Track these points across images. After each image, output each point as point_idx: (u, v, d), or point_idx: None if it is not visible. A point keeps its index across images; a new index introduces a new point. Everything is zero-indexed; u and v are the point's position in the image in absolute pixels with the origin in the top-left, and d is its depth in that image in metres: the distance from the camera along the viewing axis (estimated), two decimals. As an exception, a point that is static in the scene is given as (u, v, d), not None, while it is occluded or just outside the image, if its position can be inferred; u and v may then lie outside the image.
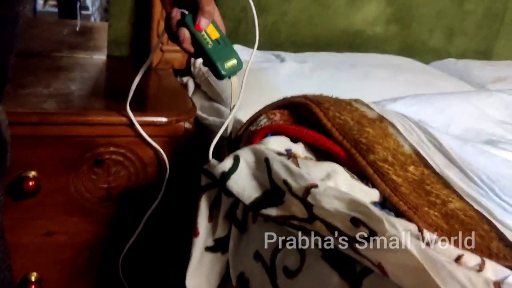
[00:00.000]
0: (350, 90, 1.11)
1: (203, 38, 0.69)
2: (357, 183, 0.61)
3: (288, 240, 0.58)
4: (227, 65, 0.70)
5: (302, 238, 0.57)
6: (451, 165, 0.65)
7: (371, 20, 1.50)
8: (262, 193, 0.60)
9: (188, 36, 0.68)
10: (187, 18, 0.69)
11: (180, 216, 0.93)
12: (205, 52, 0.69)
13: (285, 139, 0.68)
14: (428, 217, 0.58)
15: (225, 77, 0.71)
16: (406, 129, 0.69)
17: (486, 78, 1.45)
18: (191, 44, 0.69)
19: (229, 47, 0.71)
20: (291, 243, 0.58)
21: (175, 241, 1.00)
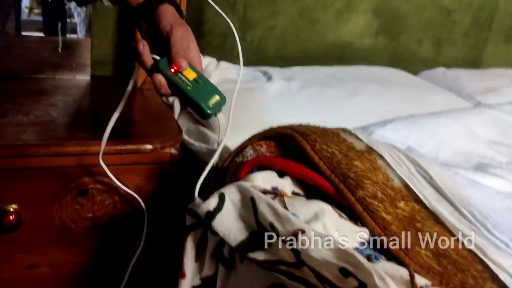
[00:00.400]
0: (339, 108, 1.10)
1: (180, 81, 0.67)
2: (346, 222, 0.59)
3: (277, 286, 0.56)
4: (211, 103, 0.69)
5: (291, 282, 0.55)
6: (442, 199, 0.63)
7: (359, 32, 1.48)
8: (249, 235, 0.58)
9: (164, 82, 0.67)
10: (160, 63, 0.67)
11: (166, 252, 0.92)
12: (186, 94, 0.68)
13: (272, 175, 0.66)
14: (419, 258, 0.56)
15: (211, 115, 0.69)
16: (396, 161, 0.67)
17: (475, 88, 1.44)
18: (168, 89, 0.68)
19: (208, 84, 0.70)
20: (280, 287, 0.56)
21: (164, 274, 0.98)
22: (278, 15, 1.36)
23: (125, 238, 0.94)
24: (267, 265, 0.56)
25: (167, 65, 0.67)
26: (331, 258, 0.49)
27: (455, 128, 0.91)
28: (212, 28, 1.29)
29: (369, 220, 0.60)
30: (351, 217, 0.61)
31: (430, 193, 0.64)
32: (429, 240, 0.58)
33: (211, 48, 1.31)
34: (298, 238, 0.52)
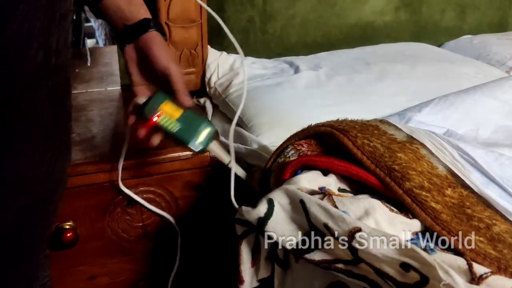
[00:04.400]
0: (369, 93, 1.10)
1: (165, 125, 0.69)
2: (397, 215, 0.61)
3: (336, 284, 0.58)
4: (199, 139, 0.71)
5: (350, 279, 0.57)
6: (490, 182, 0.64)
7: (380, 10, 1.47)
8: (303, 236, 0.60)
9: (144, 133, 0.69)
10: (146, 110, 0.69)
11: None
12: (173, 136, 0.69)
13: (316, 175, 0.68)
14: (475, 245, 0.57)
15: (203, 151, 0.71)
16: (438, 148, 0.67)
17: (505, 54, 1.41)
18: (153, 137, 0.70)
19: (195, 119, 0.71)
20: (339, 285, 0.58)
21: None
22: (297, 3, 1.35)
23: (173, 242, 0.97)
24: (324, 265, 0.58)
25: (162, 98, 0.68)
26: (392, 254, 0.51)
27: (492, 104, 0.90)
28: (233, 26, 1.30)
29: (419, 211, 0.61)
30: (401, 210, 0.62)
31: (476, 178, 0.64)
32: (482, 225, 0.59)
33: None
34: (355, 236, 0.54)
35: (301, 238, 0.61)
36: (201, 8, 1.17)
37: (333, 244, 0.58)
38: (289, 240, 0.61)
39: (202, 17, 1.17)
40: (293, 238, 0.61)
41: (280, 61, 1.30)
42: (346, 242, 0.54)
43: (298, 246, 0.60)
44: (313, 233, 0.60)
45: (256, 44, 1.35)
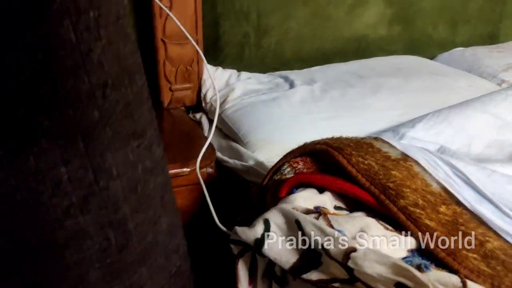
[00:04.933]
0: (363, 107, 1.11)
1: None
2: (392, 233, 0.61)
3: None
4: None
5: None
6: (483, 200, 0.65)
7: (373, 23, 1.49)
8: (300, 256, 0.61)
9: None
10: None
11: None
12: None
13: (312, 193, 0.69)
14: (468, 261, 0.58)
15: None
16: (431, 165, 0.69)
17: (497, 67, 1.44)
18: None
19: None
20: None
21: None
22: (291, 18, 1.37)
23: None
24: (321, 285, 0.58)
25: None
26: (386, 274, 0.52)
27: (484, 119, 0.91)
28: (228, 41, 1.31)
29: (413, 228, 0.62)
30: (396, 227, 0.63)
31: (469, 195, 0.65)
32: (476, 242, 0.60)
33: (229, 59, 1.34)
34: (351, 257, 0.55)
35: (297, 258, 0.61)
36: (196, 24, 1.18)
37: (329, 264, 0.58)
38: (285, 260, 0.61)
39: (198, 33, 1.19)
40: (289, 258, 0.62)
41: (275, 76, 1.31)
42: (342, 263, 0.55)
43: (295, 266, 0.61)
44: (309, 253, 0.60)
45: (251, 59, 1.36)
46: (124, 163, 0.53)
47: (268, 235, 0.63)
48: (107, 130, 0.50)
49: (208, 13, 1.25)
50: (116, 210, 0.54)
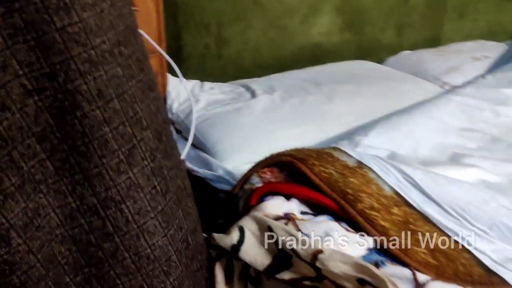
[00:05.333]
0: (320, 114, 1.20)
1: None
2: (352, 235, 0.70)
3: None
4: None
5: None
6: (428, 201, 0.75)
7: (326, 31, 1.58)
8: (273, 259, 0.68)
9: None
10: None
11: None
12: None
13: (280, 200, 0.76)
14: (417, 256, 0.67)
15: None
16: (384, 171, 0.78)
17: (439, 70, 1.56)
18: None
19: None
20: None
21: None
22: (250, 29, 1.44)
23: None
24: (293, 283, 0.66)
25: None
26: (349, 271, 0.60)
27: (429, 124, 1.02)
28: (190, 52, 1.37)
29: (370, 229, 0.70)
30: (355, 229, 0.72)
31: (417, 197, 0.75)
32: (423, 239, 0.69)
33: (191, 70, 1.39)
34: (318, 258, 0.63)
35: (271, 260, 0.69)
36: (160, 38, 1.23)
37: (299, 265, 0.66)
38: (260, 263, 0.69)
39: (162, 46, 1.23)
40: (264, 260, 0.69)
41: (236, 85, 1.38)
42: (311, 263, 0.63)
43: (269, 268, 0.68)
44: (281, 255, 0.68)
45: (212, 69, 1.42)
46: (149, 114, 0.58)
47: (243, 241, 0.70)
48: (131, 85, 0.55)
49: (170, 26, 1.30)
50: (153, 159, 0.58)
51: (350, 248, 0.68)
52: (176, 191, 0.64)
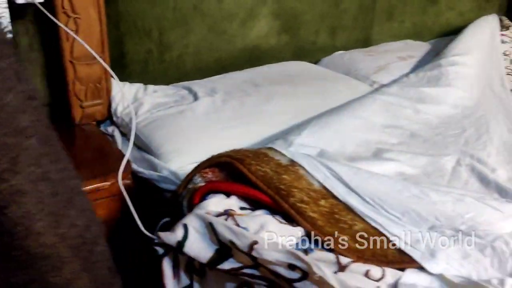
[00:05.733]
0: (259, 114, 1.28)
1: None
2: (285, 226, 0.79)
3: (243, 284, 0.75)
4: None
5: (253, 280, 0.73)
6: (351, 192, 0.84)
7: (264, 34, 1.66)
8: (214, 252, 0.76)
9: None
10: None
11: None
12: None
13: (221, 198, 0.84)
14: (341, 241, 0.77)
15: None
16: (313, 168, 0.87)
17: (369, 69, 1.68)
18: None
19: None
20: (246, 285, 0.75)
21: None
22: (190, 33, 1.49)
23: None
24: (233, 272, 0.74)
25: None
26: (282, 258, 0.68)
27: (355, 123, 1.13)
28: (133, 57, 1.41)
29: (301, 220, 0.79)
30: (288, 220, 0.80)
31: (341, 190, 0.85)
32: (346, 226, 0.79)
33: (135, 74, 1.43)
34: (254, 248, 0.71)
35: (213, 253, 0.76)
36: (102, 44, 1.27)
37: (238, 255, 0.74)
38: (203, 256, 0.76)
39: (105, 52, 1.27)
40: (206, 254, 0.76)
41: (179, 88, 1.43)
42: (248, 253, 0.71)
43: (211, 260, 0.75)
44: (222, 248, 0.75)
45: (154, 73, 1.47)
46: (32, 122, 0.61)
47: (187, 238, 0.77)
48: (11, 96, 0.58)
49: (112, 33, 1.34)
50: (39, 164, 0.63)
51: (283, 238, 0.76)
52: (66, 192, 0.69)
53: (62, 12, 1.18)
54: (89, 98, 1.29)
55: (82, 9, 1.20)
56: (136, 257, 1.07)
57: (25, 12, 1.21)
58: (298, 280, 0.67)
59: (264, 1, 1.61)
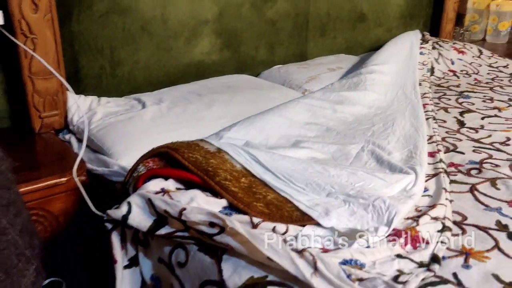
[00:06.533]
0: (200, 118, 1.47)
1: None
2: (211, 198, 0.97)
3: (177, 246, 0.92)
4: None
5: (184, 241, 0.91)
6: (266, 171, 1.04)
7: (207, 51, 1.86)
8: (153, 221, 0.93)
9: None
10: None
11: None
12: None
13: (159, 180, 1.01)
14: (256, 208, 0.95)
15: None
16: (236, 153, 1.06)
17: (301, 79, 1.90)
18: None
19: None
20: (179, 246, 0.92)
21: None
22: (140, 51, 1.68)
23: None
24: (168, 236, 0.91)
25: None
26: (205, 218, 0.86)
27: (279, 120, 1.33)
28: (87, 73, 1.58)
29: (224, 194, 0.97)
30: (215, 195, 0.98)
31: (258, 169, 1.03)
32: (260, 197, 0.97)
33: (90, 88, 1.60)
34: (183, 213, 0.88)
35: (152, 222, 0.93)
36: (58, 61, 1.43)
37: (172, 222, 0.91)
38: (144, 225, 0.93)
39: (61, 68, 1.44)
40: (146, 224, 0.93)
41: (130, 99, 1.61)
42: (178, 218, 0.88)
43: (150, 228, 0.92)
44: (159, 218, 0.93)
45: (108, 87, 1.64)
46: None
47: (130, 212, 0.94)
48: None
49: (67, 51, 1.50)
50: None
51: (209, 207, 0.94)
52: None
53: (21, 33, 1.34)
54: (47, 109, 1.45)
55: (38, 30, 1.36)
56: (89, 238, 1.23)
57: (-14, 34, 1.37)
58: (217, 234, 0.84)
59: (206, 21, 1.82)
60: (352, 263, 0.82)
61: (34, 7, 1.33)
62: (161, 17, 1.69)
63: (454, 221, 0.98)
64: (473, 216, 1.00)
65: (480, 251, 0.88)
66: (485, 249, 0.89)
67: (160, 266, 0.96)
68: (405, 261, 0.84)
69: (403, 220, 0.96)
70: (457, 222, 0.98)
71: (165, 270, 0.95)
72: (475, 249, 0.89)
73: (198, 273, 0.87)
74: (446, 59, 2.28)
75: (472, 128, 1.52)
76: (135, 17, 1.63)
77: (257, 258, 0.81)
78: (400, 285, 0.75)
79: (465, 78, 2.16)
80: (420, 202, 1.04)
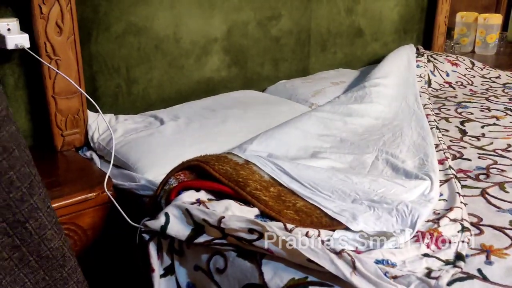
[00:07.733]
0: (217, 133, 1.53)
1: None
2: (244, 207, 1.02)
3: (215, 253, 0.97)
4: None
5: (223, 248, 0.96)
6: (293, 180, 1.10)
7: (216, 68, 1.93)
8: (191, 230, 0.98)
9: None
10: None
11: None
12: None
13: (192, 192, 1.06)
14: (287, 215, 1.01)
15: None
16: (263, 164, 1.12)
17: (307, 94, 1.98)
18: None
19: None
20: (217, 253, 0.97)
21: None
22: (154, 69, 1.74)
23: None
24: (207, 244, 0.96)
25: None
26: (243, 225, 0.91)
27: (296, 133, 1.39)
28: (104, 91, 1.63)
29: (256, 203, 1.03)
30: (246, 204, 1.04)
31: (285, 179, 1.10)
32: (290, 205, 1.03)
33: (107, 106, 1.65)
34: (222, 221, 0.94)
35: (190, 231, 0.98)
36: (79, 81, 1.49)
37: (210, 230, 0.97)
38: (182, 234, 0.98)
39: (82, 88, 1.49)
40: (185, 233, 0.98)
41: (146, 116, 1.66)
42: (217, 226, 0.94)
43: (189, 237, 0.98)
44: (196, 227, 0.98)
45: (124, 104, 1.70)
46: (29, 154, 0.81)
47: (169, 222, 0.99)
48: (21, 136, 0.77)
49: (86, 71, 1.56)
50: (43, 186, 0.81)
51: (243, 215, 1.00)
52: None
53: (46, 55, 1.40)
54: (69, 127, 1.50)
55: (62, 52, 1.42)
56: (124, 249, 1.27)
57: (11, 56, 1.42)
58: (257, 239, 0.90)
59: (215, 40, 1.89)
60: (384, 262, 0.88)
61: (58, 30, 1.39)
62: (173, 36, 1.75)
63: (471, 223, 1.05)
64: (488, 217, 1.07)
65: (499, 248, 0.95)
66: (503, 246, 0.96)
67: (197, 274, 1.01)
68: (432, 260, 0.90)
69: (424, 223, 1.03)
70: (474, 223, 1.05)
71: (202, 277, 1.00)
72: (494, 247, 0.95)
73: (238, 278, 0.93)
74: (441, 71, 2.38)
75: (474, 136, 1.60)
76: (149, 37, 1.69)
77: (296, 260, 0.87)
78: (433, 280, 0.81)
79: (460, 89, 2.26)
80: (437, 206, 1.10)
